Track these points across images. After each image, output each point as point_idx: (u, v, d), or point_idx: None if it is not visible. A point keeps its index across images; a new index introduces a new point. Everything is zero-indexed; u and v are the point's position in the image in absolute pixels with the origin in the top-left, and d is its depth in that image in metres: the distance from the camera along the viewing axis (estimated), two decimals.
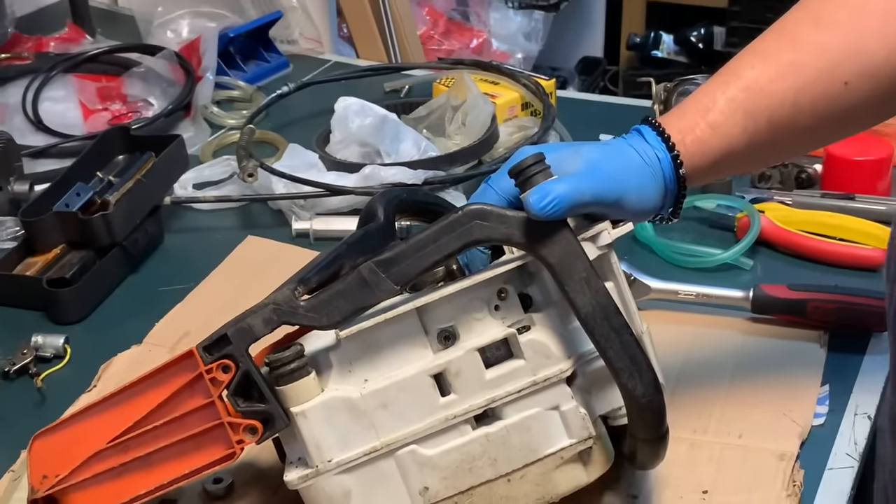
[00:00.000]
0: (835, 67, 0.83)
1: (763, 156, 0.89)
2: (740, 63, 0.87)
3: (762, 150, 0.87)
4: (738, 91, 0.85)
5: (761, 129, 0.85)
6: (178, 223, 1.36)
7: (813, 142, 0.91)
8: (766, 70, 0.85)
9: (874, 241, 1.20)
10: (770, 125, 0.85)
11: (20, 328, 1.15)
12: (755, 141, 0.85)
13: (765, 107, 0.84)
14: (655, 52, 3.46)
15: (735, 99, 0.85)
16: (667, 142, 0.85)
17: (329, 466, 0.81)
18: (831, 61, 0.84)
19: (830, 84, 0.84)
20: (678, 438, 0.85)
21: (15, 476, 0.95)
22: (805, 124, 0.86)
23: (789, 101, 0.84)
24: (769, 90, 0.84)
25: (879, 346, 1.07)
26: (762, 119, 0.85)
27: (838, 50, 0.83)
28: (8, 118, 1.58)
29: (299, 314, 0.79)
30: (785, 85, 0.84)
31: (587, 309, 0.78)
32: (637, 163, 0.84)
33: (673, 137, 0.85)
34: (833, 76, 0.83)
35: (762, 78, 0.85)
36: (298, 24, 1.90)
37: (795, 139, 0.88)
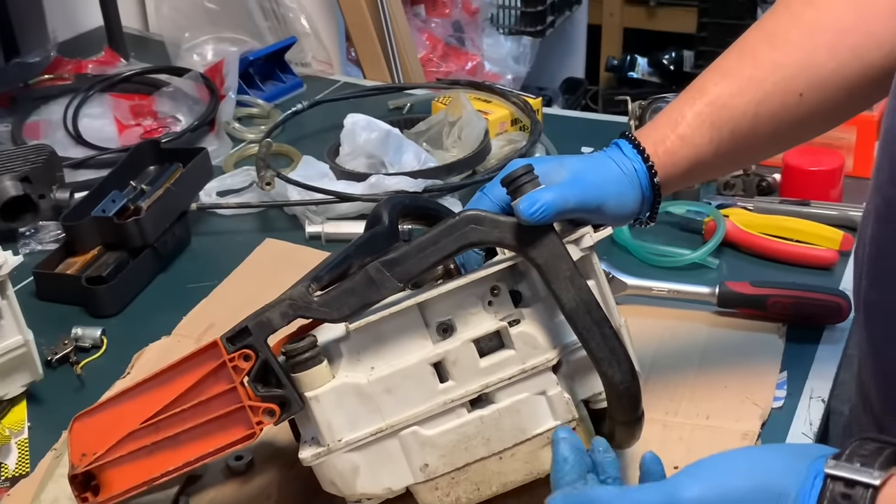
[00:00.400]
0: (790, 81, 0.84)
1: (728, 162, 0.89)
2: (705, 80, 0.87)
3: (727, 158, 0.87)
4: (704, 106, 0.85)
5: (726, 139, 0.85)
6: (204, 227, 1.36)
7: (772, 148, 0.91)
8: (728, 86, 0.85)
9: (827, 242, 1.20)
10: (733, 135, 0.85)
11: (62, 321, 1.15)
12: (721, 150, 0.86)
13: (728, 119, 0.85)
14: (631, 74, 3.47)
15: (701, 113, 0.85)
16: (642, 154, 0.85)
17: (339, 445, 0.80)
18: (786, 76, 0.84)
19: (786, 96, 0.84)
20: (652, 420, 0.85)
21: (57, 454, 0.95)
22: (765, 133, 0.86)
23: (750, 112, 0.84)
24: (732, 104, 0.85)
25: (832, 337, 1.07)
26: (726, 130, 0.85)
27: (792, 65, 0.84)
28: (51, 133, 1.57)
29: (313, 308, 0.79)
30: (746, 99, 0.84)
31: (571, 304, 0.78)
32: (616, 173, 0.85)
33: (647, 150, 0.85)
34: (788, 89, 0.84)
35: (725, 93, 0.85)
36: (311, 48, 1.90)
37: (757, 146, 0.88)
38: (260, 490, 0.91)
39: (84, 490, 0.82)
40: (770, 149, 0.90)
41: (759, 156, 0.90)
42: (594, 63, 3.51)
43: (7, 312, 0.99)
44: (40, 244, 1.31)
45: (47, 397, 1.05)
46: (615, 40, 3.52)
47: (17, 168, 1.32)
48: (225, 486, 0.92)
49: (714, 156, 0.86)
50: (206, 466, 0.91)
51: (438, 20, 2.67)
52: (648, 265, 1.20)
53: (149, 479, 0.81)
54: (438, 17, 2.68)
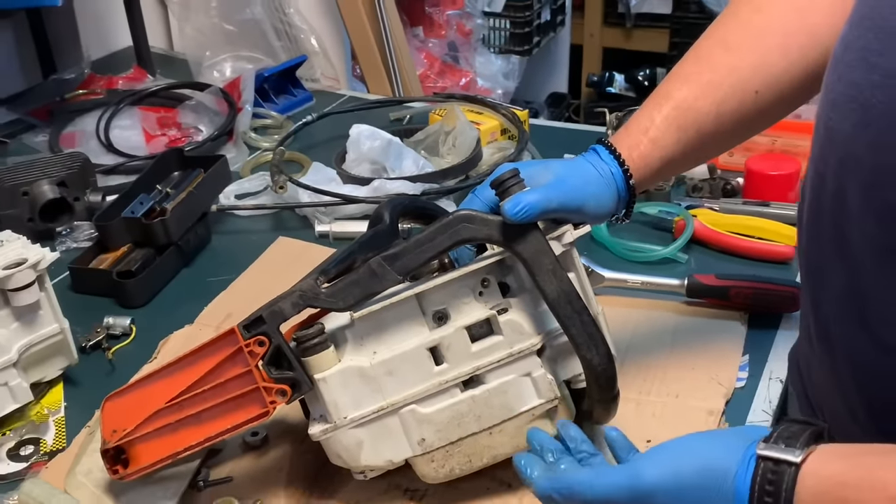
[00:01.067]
0: (745, 82, 0.84)
1: (695, 158, 0.89)
2: (669, 87, 0.87)
3: (694, 154, 0.87)
4: (671, 110, 0.85)
5: (692, 138, 0.85)
6: (223, 226, 1.36)
7: (733, 140, 0.91)
8: (690, 90, 0.85)
9: (785, 239, 1.20)
10: (699, 134, 0.85)
11: (94, 311, 1.15)
12: (688, 148, 0.86)
13: (693, 120, 0.85)
14: (610, 89, 3.47)
15: (668, 116, 0.85)
16: (618, 158, 0.85)
17: (345, 422, 0.81)
18: (742, 77, 0.84)
19: (744, 95, 0.84)
20: (627, 398, 0.85)
21: (90, 431, 0.95)
22: (726, 129, 0.86)
23: (712, 113, 0.84)
24: (695, 106, 0.85)
25: (789, 324, 1.07)
26: (692, 130, 0.85)
27: (747, 67, 0.84)
28: (85, 142, 1.57)
29: (321, 299, 0.79)
30: (707, 101, 0.84)
31: (553, 294, 0.78)
32: (595, 176, 0.85)
33: (623, 154, 0.85)
34: (745, 89, 0.84)
35: (689, 97, 0.85)
36: (320, 65, 1.90)
37: (719, 141, 0.88)
38: (274, 463, 0.91)
39: (115, 463, 0.82)
40: (731, 141, 0.90)
41: (722, 148, 0.90)
42: (576, 79, 3.51)
43: (45, 303, 0.99)
44: (75, 242, 1.30)
45: (81, 380, 1.05)
46: (595, 59, 3.52)
47: (55, 173, 1.32)
48: (242, 460, 0.92)
49: (682, 154, 0.86)
50: (225, 442, 0.91)
51: (435, 40, 2.67)
52: (624, 260, 1.20)
53: (173, 453, 0.81)
54: (435, 37, 2.68)
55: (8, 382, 0.96)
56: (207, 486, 0.87)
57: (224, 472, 0.90)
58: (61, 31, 1.86)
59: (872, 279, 0.66)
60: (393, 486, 0.87)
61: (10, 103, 1.72)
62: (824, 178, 0.70)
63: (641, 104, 0.89)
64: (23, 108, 1.70)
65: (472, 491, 0.86)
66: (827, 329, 0.74)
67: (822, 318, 0.75)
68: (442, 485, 0.85)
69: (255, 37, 1.89)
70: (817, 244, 0.73)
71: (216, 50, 1.83)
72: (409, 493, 0.86)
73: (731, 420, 0.94)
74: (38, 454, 0.95)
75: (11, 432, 0.97)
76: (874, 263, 0.66)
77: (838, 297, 0.71)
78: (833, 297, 0.72)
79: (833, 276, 0.71)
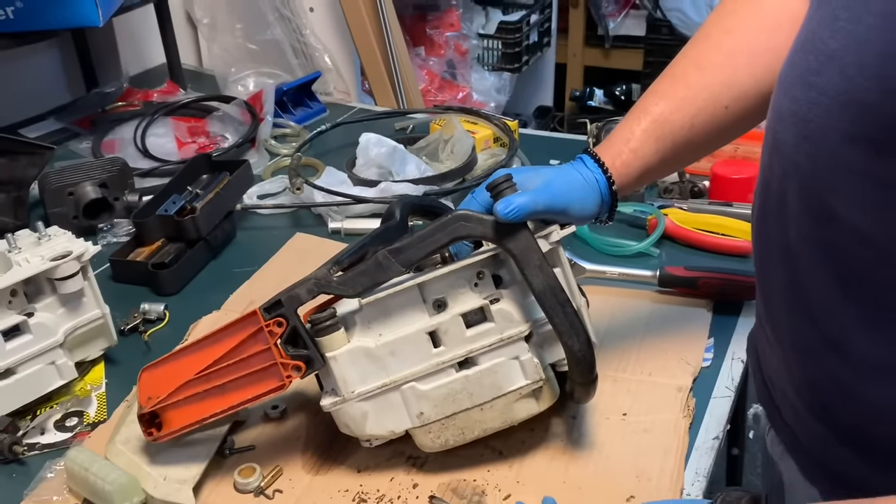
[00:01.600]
0: (717, 97, 0.84)
1: (671, 166, 0.89)
2: (647, 102, 0.86)
3: (670, 162, 0.87)
4: (649, 123, 0.85)
5: (668, 148, 0.85)
6: (246, 223, 1.35)
7: (706, 150, 0.90)
8: (667, 105, 0.85)
9: (746, 235, 1.19)
10: (674, 144, 0.85)
11: (132, 299, 1.14)
12: (665, 157, 0.86)
13: (669, 132, 0.84)
14: (590, 103, 3.47)
15: (647, 129, 0.85)
16: (602, 167, 0.85)
17: (352, 396, 0.81)
18: (713, 93, 0.84)
19: (715, 109, 0.84)
20: (605, 376, 0.85)
21: (128, 404, 0.95)
22: (699, 140, 0.86)
23: (686, 125, 0.84)
24: (671, 120, 0.84)
25: (750, 311, 1.07)
26: (668, 141, 0.85)
27: (718, 84, 0.84)
28: (123, 148, 1.57)
29: (333, 286, 0.79)
30: (682, 115, 0.84)
31: (540, 288, 0.78)
32: (580, 182, 0.84)
33: (606, 163, 0.85)
34: (716, 103, 0.84)
35: (665, 111, 0.85)
36: (333, 80, 1.90)
37: (693, 151, 0.88)
38: (292, 432, 0.91)
39: (150, 426, 0.83)
40: (704, 151, 0.90)
41: (696, 157, 0.90)
42: (560, 94, 3.51)
43: (88, 291, 0.98)
44: (115, 237, 1.30)
45: (120, 359, 1.05)
46: (577, 76, 3.52)
47: (97, 176, 1.32)
48: (264, 430, 0.91)
49: (660, 162, 0.86)
50: (248, 412, 0.91)
51: (435, 59, 2.67)
52: (603, 253, 1.20)
53: (200, 419, 0.81)
54: (435, 56, 2.68)
55: (55, 361, 0.96)
56: (233, 454, 0.88)
57: (247, 440, 0.90)
58: (102, 49, 1.86)
59: (809, 274, 0.67)
60: (397, 453, 0.87)
61: (57, 114, 1.72)
62: (770, 183, 0.70)
63: (622, 117, 0.88)
64: (68, 119, 1.69)
65: (468, 458, 0.86)
66: (776, 318, 0.74)
67: (773, 308, 0.75)
68: (441, 452, 0.85)
69: (275, 55, 1.89)
70: (764, 243, 0.73)
71: (240, 66, 1.83)
72: (412, 460, 0.86)
73: (699, 395, 0.94)
74: (82, 425, 0.95)
75: (58, 405, 0.97)
76: (810, 259, 0.66)
77: (783, 289, 0.71)
78: (779, 289, 0.72)
79: (778, 271, 0.71)
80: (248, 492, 0.83)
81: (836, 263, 0.64)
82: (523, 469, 0.85)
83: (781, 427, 0.80)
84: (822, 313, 0.67)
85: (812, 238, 0.65)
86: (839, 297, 0.64)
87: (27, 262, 0.93)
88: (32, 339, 0.94)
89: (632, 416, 0.91)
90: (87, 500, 0.83)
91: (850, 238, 0.61)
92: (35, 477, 0.87)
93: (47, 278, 0.95)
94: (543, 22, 3.11)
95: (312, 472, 0.86)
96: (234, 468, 0.85)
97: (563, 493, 0.82)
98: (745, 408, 1.26)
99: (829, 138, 0.60)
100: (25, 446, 0.90)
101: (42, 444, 0.92)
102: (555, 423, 0.90)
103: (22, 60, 1.71)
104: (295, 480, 0.85)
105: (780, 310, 0.73)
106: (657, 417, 0.90)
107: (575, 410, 0.91)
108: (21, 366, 0.94)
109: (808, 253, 0.66)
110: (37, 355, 0.94)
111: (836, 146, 0.60)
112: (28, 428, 0.93)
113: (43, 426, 0.94)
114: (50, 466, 0.87)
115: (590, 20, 3.42)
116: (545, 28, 3.15)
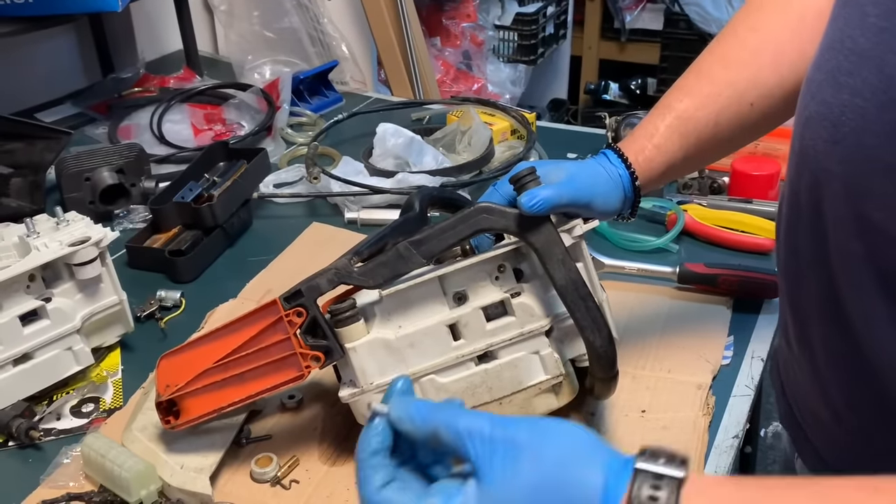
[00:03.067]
0: (742, 94, 0.83)
1: (695, 163, 0.88)
2: (671, 98, 0.85)
3: (694, 159, 0.86)
4: (673, 119, 0.84)
5: (692, 145, 0.84)
6: (263, 212, 1.35)
7: (730, 148, 0.89)
8: (692, 102, 0.84)
9: (766, 233, 1.19)
10: (699, 141, 0.84)
11: (149, 285, 1.14)
12: (689, 154, 0.84)
13: (693, 129, 0.83)
14: (605, 96, 3.45)
15: (671, 125, 0.84)
16: (625, 162, 0.84)
17: (371, 387, 0.80)
18: (739, 90, 0.83)
19: (740, 107, 0.83)
20: (624, 372, 0.84)
21: (145, 391, 0.95)
22: (724, 137, 0.85)
23: (711, 122, 0.83)
24: (696, 116, 0.83)
25: (769, 309, 1.06)
26: (692, 138, 0.84)
27: (743, 81, 0.83)
28: (140, 134, 1.57)
29: (353, 277, 0.78)
30: (707, 111, 0.83)
31: (562, 282, 0.77)
32: (604, 177, 0.83)
33: (630, 158, 0.84)
34: (741, 101, 0.83)
35: (690, 108, 0.84)
36: (349, 70, 1.90)
37: (717, 148, 0.87)
38: (308, 422, 0.91)
39: (167, 414, 0.83)
40: (728, 149, 0.89)
41: (719, 155, 0.89)
42: (575, 87, 3.49)
43: (106, 277, 0.98)
44: (131, 223, 1.30)
45: (137, 346, 1.05)
46: (593, 69, 3.50)
47: (114, 162, 1.32)
48: (280, 420, 0.91)
49: (683, 159, 0.85)
50: (266, 402, 0.91)
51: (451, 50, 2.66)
52: (622, 249, 1.19)
53: (218, 408, 0.81)
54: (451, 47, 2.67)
55: (72, 347, 0.96)
56: (249, 443, 0.87)
57: (264, 430, 0.89)
58: (119, 34, 1.86)
59: (849, 287, 0.64)
60: None
61: (74, 99, 1.72)
62: (798, 194, 0.68)
63: (641, 111, 0.87)
64: (85, 104, 1.69)
65: None
66: (808, 336, 0.72)
67: (804, 325, 0.73)
68: None
69: (292, 43, 1.88)
70: (795, 258, 0.71)
71: (257, 54, 1.83)
72: None
73: (718, 393, 0.93)
74: (98, 411, 0.95)
75: (75, 391, 0.97)
76: (850, 271, 0.64)
77: (818, 304, 0.69)
78: (813, 305, 0.70)
79: (811, 285, 0.69)
80: (265, 481, 0.83)
81: (880, 273, 0.61)
82: None
83: (805, 449, 0.79)
84: (864, 328, 0.64)
85: (851, 248, 0.63)
86: (883, 309, 0.62)
87: (46, 246, 0.93)
88: (50, 324, 0.94)
89: (651, 413, 0.90)
90: (102, 487, 0.83)
91: (891, 245, 0.59)
92: (51, 462, 0.86)
93: (65, 263, 0.94)
94: (560, 14, 3.10)
95: (329, 463, 0.86)
96: (251, 457, 0.85)
97: None
98: (761, 405, 1.25)
99: (865, 141, 0.59)
100: (42, 431, 0.90)
101: (58, 429, 0.92)
102: (573, 420, 0.89)
103: (39, 45, 1.70)
104: (312, 471, 0.85)
105: (814, 326, 0.71)
106: (676, 415, 0.89)
107: (594, 407, 0.90)
108: (38, 351, 0.93)
109: (848, 264, 0.63)
110: (54, 340, 0.94)
111: (871, 149, 0.58)
112: (44, 413, 0.93)
113: (59, 412, 0.94)
114: (66, 452, 0.87)
115: (606, 13, 3.40)
116: (561, 20, 3.13)
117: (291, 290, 0.78)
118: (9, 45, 1.60)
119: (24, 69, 1.69)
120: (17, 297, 0.92)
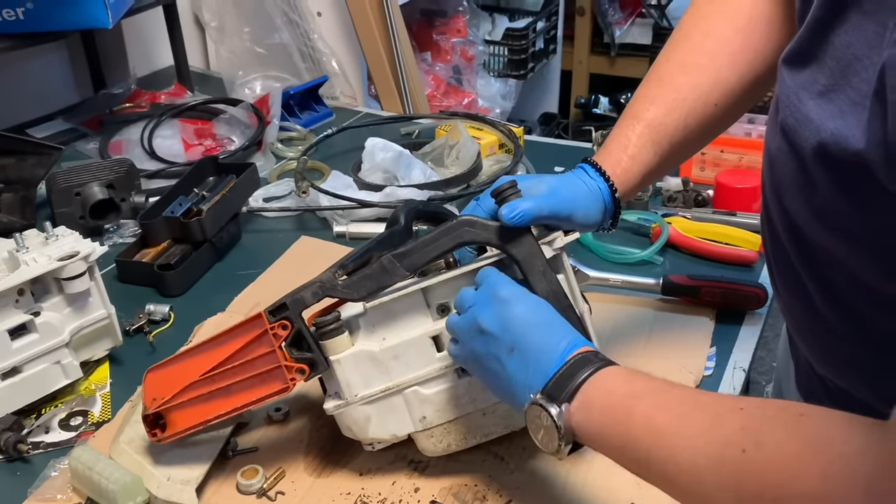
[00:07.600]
0: (706, 96, 0.85)
1: (669, 166, 0.90)
2: (637, 107, 0.87)
3: (668, 163, 0.89)
4: (643, 128, 0.86)
5: (665, 150, 0.86)
6: (252, 226, 1.36)
7: (699, 146, 0.92)
8: (659, 109, 0.86)
9: (749, 245, 1.20)
10: (671, 146, 0.86)
11: (137, 299, 1.15)
12: (663, 159, 0.87)
13: (665, 135, 0.86)
14: (595, 110, 3.46)
15: (643, 135, 0.86)
16: (603, 175, 0.85)
17: (355, 399, 0.81)
18: (703, 93, 0.85)
19: (706, 108, 0.86)
20: None
21: (132, 404, 0.96)
22: (693, 138, 0.87)
23: (680, 126, 0.85)
24: (665, 122, 0.85)
25: (752, 321, 1.08)
26: (665, 143, 0.86)
27: (706, 84, 0.85)
28: (130, 149, 1.58)
29: (338, 290, 0.79)
30: (675, 116, 0.85)
31: (543, 293, 0.78)
32: (584, 190, 0.85)
33: (608, 171, 0.85)
34: (707, 102, 0.85)
35: (658, 115, 0.86)
36: (339, 85, 1.91)
37: (688, 149, 0.90)
38: (294, 435, 0.91)
39: (154, 427, 0.83)
40: (697, 147, 0.92)
41: (690, 154, 0.92)
42: (566, 101, 3.51)
43: (95, 291, 0.99)
44: (121, 238, 1.31)
45: (125, 359, 1.06)
46: (583, 83, 3.52)
47: (104, 177, 1.33)
48: (267, 432, 0.92)
49: (658, 164, 0.87)
50: (252, 415, 0.91)
51: (441, 64, 2.67)
52: (606, 261, 1.20)
53: (205, 421, 0.82)
54: (441, 62, 2.68)
55: (60, 361, 0.96)
56: (236, 455, 0.88)
57: (251, 442, 0.90)
58: (111, 51, 1.87)
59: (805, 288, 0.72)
60: (399, 457, 0.87)
61: (65, 114, 1.72)
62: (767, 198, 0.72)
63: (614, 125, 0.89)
64: (76, 119, 1.70)
65: (470, 462, 0.86)
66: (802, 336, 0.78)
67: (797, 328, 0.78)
68: (443, 457, 0.85)
69: (282, 59, 1.89)
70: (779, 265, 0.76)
71: (248, 70, 1.84)
72: (414, 465, 0.87)
73: None
74: (87, 424, 0.95)
75: (63, 405, 0.97)
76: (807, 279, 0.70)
77: (802, 315, 0.74)
78: (798, 315, 0.75)
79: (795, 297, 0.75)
80: (251, 493, 0.84)
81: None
82: (524, 474, 0.85)
83: None
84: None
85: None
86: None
87: (35, 261, 0.93)
88: (38, 338, 0.94)
89: None
90: (90, 499, 0.83)
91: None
92: (39, 475, 0.87)
93: (54, 278, 0.95)
94: (550, 29, 3.12)
95: (315, 475, 0.86)
96: (237, 469, 0.85)
97: (564, 499, 0.82)
98: None
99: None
100: (30, 445, 0.91)
101: (46, 442, 0.93)
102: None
103: (31, 61, 1.72)
104: (297, 483, 0.85)
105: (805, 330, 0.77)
106: None
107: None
108: (27, 364, 0.94)
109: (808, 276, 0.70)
110: (42, 354, 0.95)
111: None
112: (33, 426, 0.93)
113: (47, 425, 0.95)
114: (54, 465, 0.88)
115: (596, 28, 3.43)
116: (551, 35, 3.15)
117: (276, 303, 0.79)
118: (0, 62, 1.61)
119: (15, 85, 1.70)
120: (6, 312, 0.92)
